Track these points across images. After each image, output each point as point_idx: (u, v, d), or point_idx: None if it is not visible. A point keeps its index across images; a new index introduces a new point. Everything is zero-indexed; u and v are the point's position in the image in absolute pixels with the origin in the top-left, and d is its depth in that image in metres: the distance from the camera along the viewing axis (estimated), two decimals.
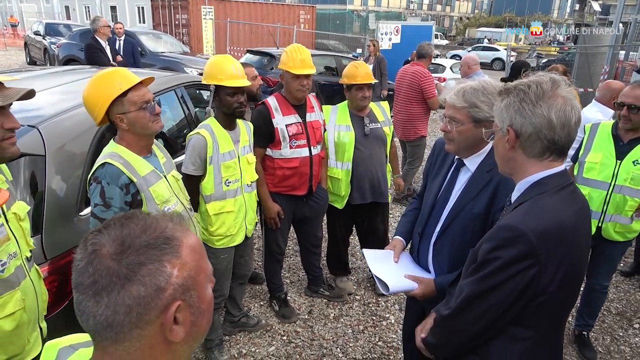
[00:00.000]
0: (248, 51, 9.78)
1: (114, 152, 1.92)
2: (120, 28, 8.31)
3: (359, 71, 3.29)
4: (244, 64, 3.21)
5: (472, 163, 1.86)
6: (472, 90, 1.75)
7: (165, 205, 2.03)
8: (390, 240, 3.88)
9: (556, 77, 1.31)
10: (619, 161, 2.80)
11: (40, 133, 2.07)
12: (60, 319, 1.96)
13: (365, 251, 2.15)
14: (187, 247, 0.75)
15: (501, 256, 1.26)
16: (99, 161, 1.92)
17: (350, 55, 14.11)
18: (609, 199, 2.82)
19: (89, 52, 6.43)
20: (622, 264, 4.47)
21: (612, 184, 2.80)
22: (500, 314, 1.31)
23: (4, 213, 1.54)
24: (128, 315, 0.69)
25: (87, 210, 2.20)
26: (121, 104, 1.86)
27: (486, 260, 1.30)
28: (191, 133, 2.59)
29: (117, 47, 7.94)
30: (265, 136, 2.98)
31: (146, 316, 0.70)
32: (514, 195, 1.40)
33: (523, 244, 1.22)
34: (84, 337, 0.89)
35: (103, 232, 0.73)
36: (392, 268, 2.01)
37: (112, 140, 2.01)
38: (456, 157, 1.93)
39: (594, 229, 2.88)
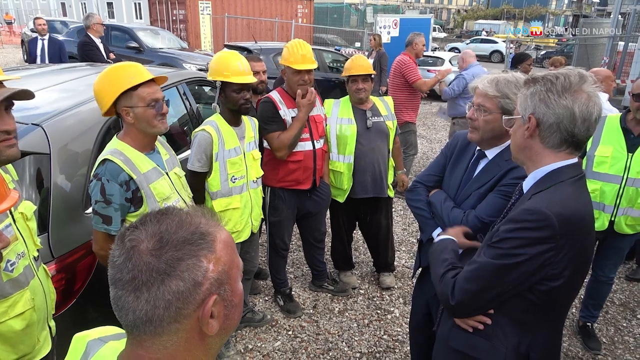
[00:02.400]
0: (225, 46, 9.55)
1: (115, 148, 1.93)
2: (42, 24, 6.83)
3: (353, 63, 3.31)
4: (252, 57, 3.20)
5: (492, 153, 1.88)
6: (506, 81, 1.77)
7: (165, 203, 2.03)
8: (394, 235, 3.91)
9: (584, 73, 1.33)
10: (630, 154, 2.79)
11: (44, 131, 2.06)
12: (68, 317, 1.96)
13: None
14: (221, 242, 0.77)
15: (523, 237, 1.27)
16: (100, 158, 1.94)
17: (333, 49, 13.92)
18: (622, 193, 2.80)
19: (84, 49, 6.35)
20: None
21: (625, 177, 2.79)
22: (507, 290, 1.33)
23: (11, 213, 1.53)
24: (167, 310, 0.71)
25: None
26: (130, 97, 1.88)
27: (506, 238, 1.31)
28: (196, 130, 2.58)
29: (38, 50, 6.76)
30: (278, 121, 2.96)
31: (184, 310, 0.72)
32: (527, 184, 1.41)
33: (546, 228, 1.24)
34: (113, 329, 0.89)
35: (140, 229, 0.74)
36: None
37: (115, 136, 2.02)
38: (477, 148, 1.93)
39: (606, 223, 2.88)
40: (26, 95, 1.45)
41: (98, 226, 1.92)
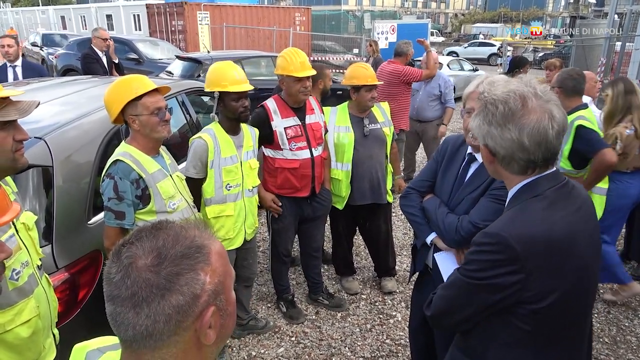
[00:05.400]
0: (177, 57, 9.42)
1: (125, 151, 2.08)
2: (8, 46, 4.98)
3: (369, 72, 3.33)
4: None
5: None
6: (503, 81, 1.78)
7: (170, 201, 2.17)
8: (394, 239, 3.92)
9: (524, 90, 1.23)
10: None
11: (47, 144, 2.10)
12: (73, 327, 1.98)
13: (437, 255, 2.07)
14: (216, 253, 0.79)
15: (483, 259, 1.25)
16: (111, 159, 2.07)
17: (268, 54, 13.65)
18: None
19: (84, 61, 6.43)
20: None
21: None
22: (480, 311, 1.29)
23: (13, 224, 1.57)
24: (167, 324, 0.72)
25: (96, 218, 2.25)
26: (135, 106, 2.04)
27: (470, 260, 1.30)
28: (193, 137, 2.65)
29: (9, 79, 4.95)
30: (261, 138, 3.00)
31: (184, 323, 0.74)
32: (507, 198, 1.37)
33: (504, 251, 1.19)
34: (112, 339, 0.91)
35: (136, 244, 0.75)
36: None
37: (123, 141, 2.16)
38: (467, 152, 1.96)
39: None
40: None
41: (110, 222, 2.05)
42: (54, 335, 1.76)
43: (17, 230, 1.58)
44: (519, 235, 1.18)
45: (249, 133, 2.82)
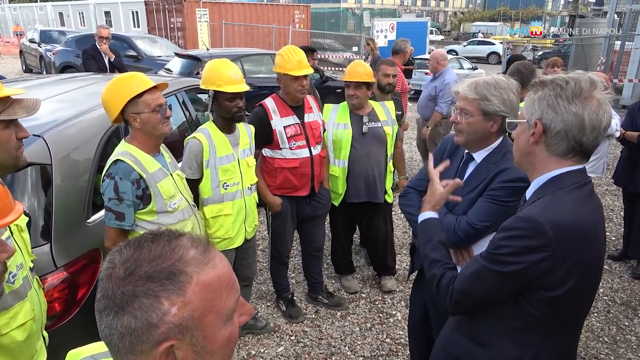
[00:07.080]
0: (176, 54, 9.37)
1: (125, 150, 2.06)
2: None
3: (349, 69, 3.36)
4: None
5: (480, 156, 1.89)
6: (485, 83, 1.78)
7: (171, 200, 2.15)
8: (394, 238, 3.90)
9: (595, 78, 1.28)
10: None
11: (45, 142, 2.08)
12: (71, 327, 1.97)
13: None
14: (199, 284, 0.70)
15: (515, 245, 1.24)
16: (111, 159, 2.05)
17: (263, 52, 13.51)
18: None
19: (83, 57, 6.51)
20: (614, 249, 4.54)
21: None
22: (505, 296, 1.31)
23: (9, 226, 1.55)
24: (122, 340, 0.68)
25: (95, 216, 2.23)
26: (136, 104, 2.02)
27: (500, 246, 1.28)
28: (188, 137, 2.63)
29: None
30: (261, 138, 2.98)
31: (138, 347, 0.68)
32: (529, 192, 1.37)
33: (538, 236, 1.20)
34: (105, 346, 0.90)
35: (122, 251, 0.72)
36: None
37: (122, 140, 2.14)
38: (465, 151, 1.95)
39: None
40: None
41: (111, 222, 2.04)
42: (43, 337, 1.74)
43: (12, 233, 1.56)
44: (552, 222, 1.20)
45: (245, 131, 2.80)
